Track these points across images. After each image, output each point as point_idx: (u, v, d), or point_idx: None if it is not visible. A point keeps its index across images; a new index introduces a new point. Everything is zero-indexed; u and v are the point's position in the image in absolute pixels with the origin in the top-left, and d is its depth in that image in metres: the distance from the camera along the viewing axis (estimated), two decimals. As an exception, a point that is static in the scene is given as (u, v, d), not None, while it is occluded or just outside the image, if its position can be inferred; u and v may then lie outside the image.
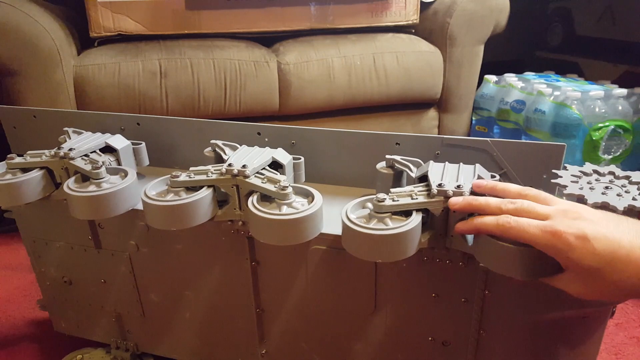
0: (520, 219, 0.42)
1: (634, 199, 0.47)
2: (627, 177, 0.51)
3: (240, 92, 1.15)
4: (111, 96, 1.08)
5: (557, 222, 0.41)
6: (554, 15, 2.12)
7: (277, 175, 0.54)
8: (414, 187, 0.50)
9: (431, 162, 0.54)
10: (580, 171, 0.52)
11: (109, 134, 0.68)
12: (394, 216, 0.48)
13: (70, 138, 0.67)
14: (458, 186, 0.47)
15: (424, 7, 1.37)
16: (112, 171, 0.61)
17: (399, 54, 1.26)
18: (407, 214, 0.48)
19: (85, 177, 0.59)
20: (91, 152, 0.63)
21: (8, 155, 0.62)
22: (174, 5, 1.18)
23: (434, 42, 1.33)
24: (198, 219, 0.54)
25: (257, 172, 0.55)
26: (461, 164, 0.53)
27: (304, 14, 1.27)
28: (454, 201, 0.46)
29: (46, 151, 0.62)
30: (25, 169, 0.61)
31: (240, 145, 0.61)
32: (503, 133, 1.38)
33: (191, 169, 0.55)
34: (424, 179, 0.52)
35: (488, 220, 0.44)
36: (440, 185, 0.48)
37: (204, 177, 0.54)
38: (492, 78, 1.44)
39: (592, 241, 0.39)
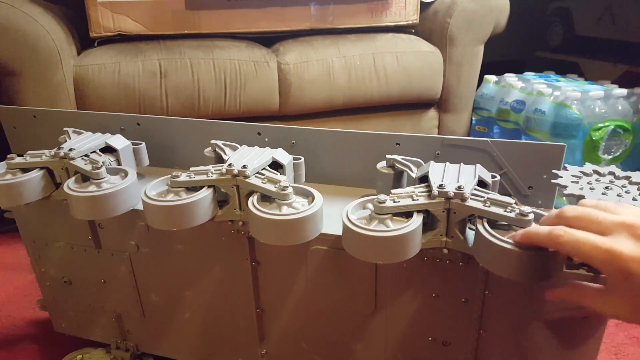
0: (576, 232, 0.37)
1: (634, 199, 0.47)
2: (627, 178, 0.51)
3: (240, 92, 1.16)
4: (111, 96, 1.08)
5: (618, 240, 0.35)
6: (554, 15, 2.12)
7: (278, 176, 0.54)
8: (415, 188, 0.50)
9: (432, 162, 0.54)
10: (580, 171, 0.52)
11: (109, 134, 0.68)
12: (394, 217, 0.48)
13: (70, 138, 0.67)
14: (459, 187, 0.47)
15: (424, 7, 1.37)
16: (112, 171, 0.61)
17: (399, 54, 1.26)
18: (407, 214, 0.48)
19: (85, 177, 0.59)
20: (91, 152, 0.63)
21: (8, 155, 0.62)
22: (174, 5, 1.18)
23: (434, 42, 1.33)
24: (198, 219, 0.54)
25: (257, 173, 0.55)
26: (462, 164, 0.53)
27: (304, 14, 1.27)
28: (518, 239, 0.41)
29: (46, 151, 0.62)
30: (25, 169, 0.61)
31: (241, 146, 0.61)
32: (503, 133, 1.38)
33: (191, 169, 0.55)
34: (424, 179, 0.52)
35: (541, 229, 0.39)
36: (441, 186, 0.48)
37: (204, 177, 0.54)
38: (492, 78, 1.44)
39: None
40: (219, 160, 0.60)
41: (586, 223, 0.38)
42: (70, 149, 0.61)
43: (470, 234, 0.49)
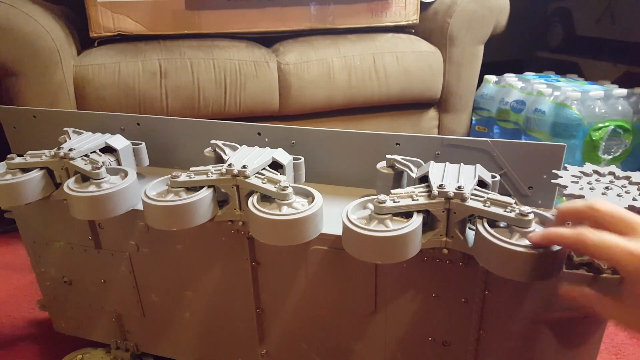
0: (604, 234, 0.36)
1: (634, 199, 0.47)
2: (627, 178, 0.51)
3: (240, 92, 1.15)
4: (111, 96, 1.08)
5: None
6: (554, 15, 2.12)
7: (277, 176, 0.54)
8: (415, 188, 0.50)
9: (432, 162, 0.54)
10: (580, 171, 0.52)
11: (109, 134, 0.68)
12: (394, 217, 0.48)
13: (70, 138, 0.67)
14: (459, 187, 0.47)
15: (424, 7, 1.37)
16: (112, 171, 0.61)
17: (399, 54, 1.26)
18: (407, 214, 0.48)
19: (85, 177, 0.59)
20: (91, 152, 0.63)
21: (8, 155, 0.62)
22: (174, 5, 1.18)
23: (434, 42, 1.33)
24: (198, 219, 0.54)
25: (257, 173, 0.55)
26: (462, 164, 0.53)
27: (304, 14, 1.27)
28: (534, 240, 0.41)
29: (46, 151, 0.62)
30: (25, 169, 0.61)
31: (240, 146, 0.61)
32: (503, 133, 1.38)
33: (191, 169, 0.55)
34: (424, 179, 0.52)
35: (566, 232, 0.38)
36: (441, 186, 0.48)
37: (204, 177, 0.54)
38: (492, 78, 1.44)
39: None
40: (219, 160, 0.60)
41: (617, 222, 0.37)
42: (70, 149, 0.61)
43: (470, 234, 0.49)
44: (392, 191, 0.49)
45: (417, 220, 0.47)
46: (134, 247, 0.66)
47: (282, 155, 0.59)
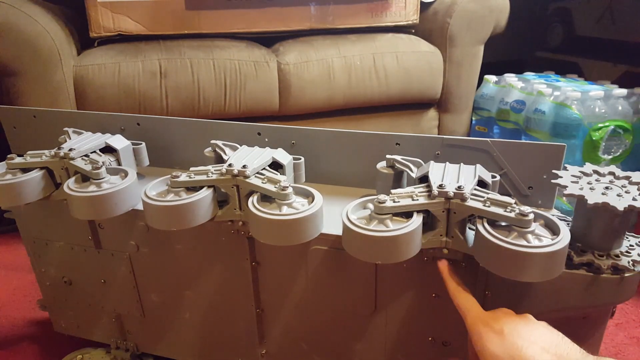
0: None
1: (634, 199, 0.47)
2: (627, 178, 0.51)
3: (240, 92, 1.15)
4: (111, 96, 1.08)
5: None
6: (554, 15, 2.12)
7: (278, 176, 0.54)
8: (415, 188, 0.50)
9: (432, 162, 0.54)
10: (580, 171, 0.52)
11: (109, 134, 0.68)
12: (394, 217, 0.48)
13: (70, 138, 0.67)
14: (459, 187, 0.47)
15: (424, 7, 1.37)
16: (112, 171, 0.61)
17: (399, 54, 1.26)
18: (407, 214, 0.48)
19: (85, 177, 0.59)
20: (91, 152, 0.63)
21: (8, 155, 0.62)
22: (173, 5, 1.18)
23: (434, 42, 1.33)
24: (198, 219, 0.54)
25: (257, 173, 0.55)
26: (462, 164, 0.53)
27: (304, 14, 1.27)
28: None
29: (46, 151, 0.62)
30: (25, 169, 0.61)
31: (241, 146, 0.61)
32: (503, 133, 1.38)
33: (191, 169, 0.55)
34: (424, 179, 0.52)
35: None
36: (441, 186, 0.48)
37: (204, 177, 0.54)
38: (492, 78, 1.44)
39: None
40: (219, 160, 0.60)
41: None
42: (70, 149, 0.61)
43: (470, 234, 0.49)
44: (392, 191, 0.49)
45: (417, 220, 0.47)
46: (134, 247, 0.66)
47: (282, 155, 0.59)
